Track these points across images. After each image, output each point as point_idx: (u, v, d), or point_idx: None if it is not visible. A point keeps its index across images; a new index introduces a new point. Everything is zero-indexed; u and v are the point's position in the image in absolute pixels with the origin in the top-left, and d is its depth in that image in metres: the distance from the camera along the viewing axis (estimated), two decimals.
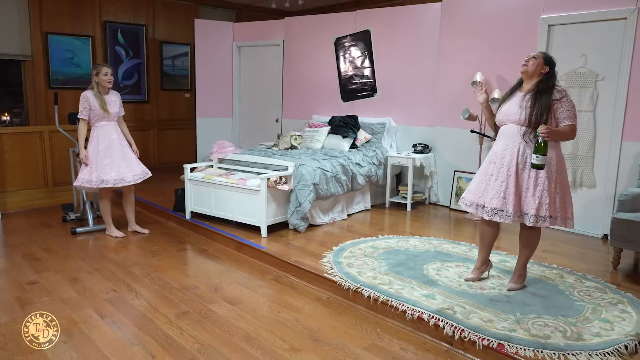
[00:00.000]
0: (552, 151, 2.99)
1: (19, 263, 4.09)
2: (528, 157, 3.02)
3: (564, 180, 3.07)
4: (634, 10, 4.25)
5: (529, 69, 3.09)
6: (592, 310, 3.00)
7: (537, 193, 2.98)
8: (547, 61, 3.08)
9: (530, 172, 3.01)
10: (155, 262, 4.15)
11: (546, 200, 2.97)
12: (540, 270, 3.66)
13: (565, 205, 3.06)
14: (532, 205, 2.98)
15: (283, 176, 4.57)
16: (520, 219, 3.05)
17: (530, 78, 3.12)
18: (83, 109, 4.52)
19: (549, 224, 3.01)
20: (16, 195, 5.88)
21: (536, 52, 3.15)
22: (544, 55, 3.10)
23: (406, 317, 2.99)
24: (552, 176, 2.99)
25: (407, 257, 3.90)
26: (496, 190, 3.06)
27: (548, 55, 3.12)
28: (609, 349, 2.54)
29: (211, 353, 2.71)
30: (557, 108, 2.99)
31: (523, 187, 3.02)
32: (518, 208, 3.02)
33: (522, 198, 3.02)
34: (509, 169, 3.03)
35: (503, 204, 3.03)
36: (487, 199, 3.09)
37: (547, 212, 2.97)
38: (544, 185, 2.97)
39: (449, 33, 5.59)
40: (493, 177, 3.10)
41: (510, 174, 3.02)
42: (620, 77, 4.38)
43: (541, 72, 3.07)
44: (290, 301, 3.42)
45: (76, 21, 7.16)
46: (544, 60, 3.07)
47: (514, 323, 2.81)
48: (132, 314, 3.18)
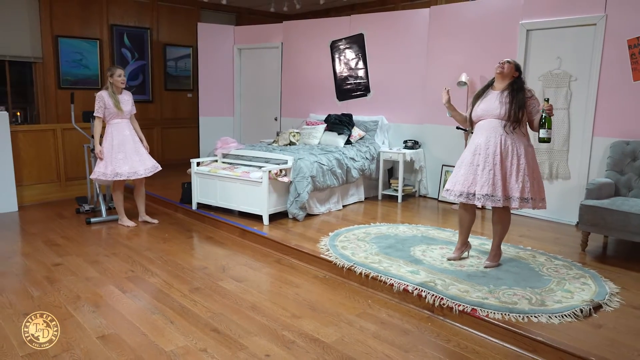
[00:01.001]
0: (527, 141, 3.47)
1: (41, 248, 4.47)
2: (510, 146, 3.43)
3: (537, 167, 3.52)
4: (602, 17, 4.67)
5: (505, 70, 3.54)
6: (557, 283, 3.41)
7: (519, 178, 3.40)
8: (516, 67, 3.57)
9: (513, 159, 3.42)
10: (167, 247, 4.54)
11: (527, 184, 3.40)
12: (515, 252, 4.07)
13: (540, 188, 3.50)
14: (517, 189, 3.39)
15: (283, 169, 4.96)
16: (507, 202, 3.46)
17: (503, 79, 3.55)
18: (98, 108, 4.90)
19: (531, 205, 3.43)
20: (31, 189, 6.25)
21: (508, 59, 3.61)
22: (515, 63, 3.59)
23: (393, 289, 3.39)
24: (530, 163, 3.43)
25: (396, 241, 4.31)
26: (485, 178, 3.45)
27: (517, 63, 3.61)
28: (567, 312, 2.94)
29: (222, 319, 3.10)
30: (530, 104, 3.47)
31: (507, 173, 3.44)
32: (506, 192, 3.43)
33: (507, 183, 3.44)
34: (494, 158, 3.43)
35: (493, 190, 3.42)
36: (477, 188, 3.47)
37: (530, 194, 3.40)
38: (525, 170, 3.40)
39: (436, 37, 5.99)
40: (480, 167, 3.48)
41: (496, 162, 3.42)
42: (591, 78, 4.79)
43: (512, 75, 3.54)
44: (290, 279, 3.82)
45: (85, 25, 7.53)
46: (515, 66, 3.57)
47: (487, 293, 3.21)
48: (150, 290, 3.57)
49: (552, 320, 2.88)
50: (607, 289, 3.32)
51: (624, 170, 4.42)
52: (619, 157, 4.46)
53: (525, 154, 3.42)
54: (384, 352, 2.72)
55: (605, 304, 3.11)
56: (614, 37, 4.62)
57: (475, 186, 3.49)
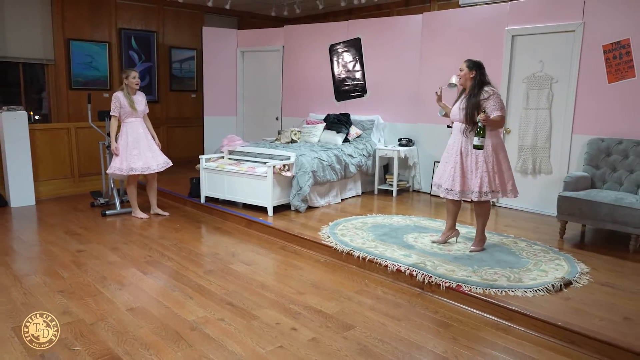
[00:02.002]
0: (489, 140, 3.77)
1: (63, 237, 4.84)
2: (469, 146, 3.84)
3: (501, 163, 3.84)
4: (580, 24, 5.07)
5: (460, 81, 3.92)
6: (534, 264, 3.81)
7: (477, 174, 3.80)
8: (471, 67, 3.84)
9: (471, 157, 3.82)
10: (179, 236, 4.91)
11: (485, 179, 3.78)
12: (498, 239, 4.46)
13: (504, 181, 3.85)
14: (476, 184, 3.81)
15: (286, 164, 5.35)
16: (465, 196, 3.90)
17: (465, 85, 3.93)
18: (114, 107, 5.27)
19: (492, 197, 3.83)
20: (47, 185, 6.62)
21: (462, 64, 3.88)
22: (468, 64, 3.86)
23: (388, 270, 3.79)
24: (489, 159, 3.78)
25: (391, 230, 4.70)
26: (448, 174, 3.94)
27: (471, 62, 3.87)
28: (540, 287, 3.34)
29: (235, 295, 3.48)
30: (486, 105, 3.76)
31: (467, 170, 3.85)
32: (464, 187, 3.86)
33: (467, 179, 3.85)
34: (456, 157, 3.88)
35: (452, 184, 3.90)
36: (443, 181, 3.97)
37: (488, 188, 3.79)
38: (483, 167, 3.78)
39: (429, 41, 6.39)
40: (447, 164, 3.98)
41: (457, 160, 3.87)
42: (570, 80, 5.20)
43: (471, 78, 3.85)
44: (294, 262, 4.20)
45: (95, 28, 7.89)
46: (469, 68, 3.84)
47: (471, 272, 3.61)
48: (168, 272, 3.95)
49: (527, 294, 3.28)
50: (579, 269, 3.72)
51: (599, 165, 4.82)
52: (594, 152, 4.86)
53: (484, 151, 3.76)
54: (379, 321, 3.11)
55: (575, 281, 3.51)
56: (591, 43, 5.03)
57: (442, 180, 4.01)
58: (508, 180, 3.88)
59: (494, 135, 3.84)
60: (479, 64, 3.86)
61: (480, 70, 3.84)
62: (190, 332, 2.94)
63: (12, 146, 5.96)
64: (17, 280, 3.69)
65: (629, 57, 4.80)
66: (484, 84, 3.83)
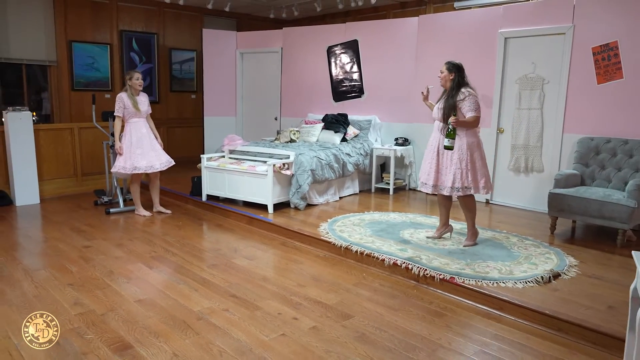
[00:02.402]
0: (464, 139, 3.96)
1: (69, 234, 4.98)
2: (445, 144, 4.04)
3: (475, 161, 4.01)
4: (570, 27, 5.25)
5: (441, 82, 4.11)
6: (525, 257, 3.97)
7: (451, 170, 4.00)
8: (451, 69, 4.04)
9: (447, 155, 4.02)
10: (182, 233, 5.06)
11: (458, 175, 3.98)
12: (491, 234, 4.63)
13: (477, 178, 4.03)
14: (449, 179, 4.01)
15: (286, 163, 5.50)
16: (438, 190, 4.12)
17: (446, 86, 4.12)
18: (118, 108, 5.41)
19: (463, 193, 4.01)
20: (50, 184, 6.75)
21: (443, 66, 4.07)
22: (448, 67, 4.05)
23: (384, 264, 3.94)
24: (463, 157, 3.97)
25: (388, 226, 4.86)
26: (425, 169, 4.19)
27: (451, 64, 4.06)
28: (530, 279, 3.50)
29: (239, 288, 3.63)
30: (462, 106, 3.96)
31: (442, 167, 4.07)
32: (437, 182, 4.09)
33: (440, 175, 4.07)
34: (433, 153, 4.12)
35: (427, 178, 4.15)
36: (421, 175, 4.23)
37: (460, 184, 3.98)
38: (457, 164, 3.98)
39: (424, 43, 6.55)
40: (425, 160, 4.23)
41: (434, 157, 4.11)
42: (561, 81, 5.37)
43: (450, 80, 4.04)
44: (295, 257, 4.36)
45: (96, 30, 8.03)
46: (448, 70, 4.04)
47: (464, 265, 3.77)
48: (173, 266, 4.10)
49: (517, 285, 3.44)
50: (567, 262, 3.88)
51: (589, 163, 4.99)
52: (584, 151, 5.03)
53: (459, 150, 3.96)
54: (377, 311, 3.27)
55: (564, 273, 3.68)
56: (581, 45, 5.20)
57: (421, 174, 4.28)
58: (481, 177, 4.05)
59: (471, 134, 4.02)
60: (458, 67, 4.05)
61: (459, 73, 4.03)
62: (196, 321, 3.09)
63: (17, 146, 6.10)
64: (28, 275, 3.83)
65: (617, 59, 4.97)
66: (462, 85, 4.02)
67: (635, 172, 4.65)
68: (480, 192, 4.08)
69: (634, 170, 4.68)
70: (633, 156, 4.74)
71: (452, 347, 2.83)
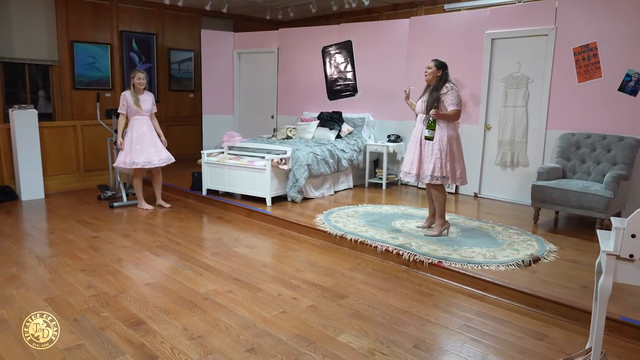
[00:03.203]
0: (444, 131, 4.24)
1: (76, 226, 5.20)
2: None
3: (454, 153, 4.29)
4: (553, 28, 5.53)
5: (428, 77, 4.38)
6: (508, 244, 4.24)
7: (432, 160, 4.28)
8: (439, 66, 4.34)
9: (428, 145, 4.29)
10: (184, 225, 5.30)
11: (438, 165, 4.26)
12: (478, 224, 4.90)
13: (454, 170, 4.31)
14: (429, 168, 4.30)
15: (283, 158, 5.75)
16: (420, 179, 4.38)
17: (431, 82, 4.40)
18: (122, 105, 5.65)
19: (442, 182, 4.30)
20: (54, 179, 6.96)
21: (430, 62, 4.36)
22: (436, 63, 4.35)
23: (377, 250, 4.21)
24: (444, 148, 4.25)
25: (380, 217, 5.12)
26: (408, 159, 4.48)
27: (439, 62, 4.37)
28: (511, 262, 3.78)
29: (241, 273, 3.88)
30: (444, 99, 4.26)
31: (424, 156, 4.35)
32: (419, 171, 4.36)
33: (422, 164, 4.35)
34: (416, 144, 4.39)
35: (410, 168, 4.43)
36: (404, 166, 4.50)
37: (439, 173, 4.26)
38: (437, 155, 4.26)
39: (415, 43, 6.82)
40: (409, 151, 4.50)
41: (417, 147, 4.38)
42: (544, 80, 5.65)
43: (437, 76, 4.33)
44: (292, 246, 4.61)
45: (97, 31, 8.24)
46: (436, 67, 4.33)
47: (451, 251, 4.03)
48: (178, 254, 4.34)
49: (499, 268, 3.71)
50: (547, 248, 4.16)
51: (570, 157, 5.28)
52: (566, 146, 5.31)
53: (439, 141, 4.24)
54: (370, 292, 3.53)
55: (543, 257, 3.95)
56: (563, 45, 5.49)
57: (404, 165, 4.53)
58: (457, 169, 4.34)
59: (452, 128, 4.31)
60: (445, 65, 4.37)
61: (445, 70, 4.35)
62: (203, 301, 3.33)
63: (22, 143, 6.31)
64: (41, 262, 4.06)
65: (596, 59, 5.26)
66: (446, 81, 4.32)
67: (613, 165, 4.93)
68: (456, 182, 4.38)
69: (611, 164, 4.97)
70: (611, 150, 5.03)
71: (439, 322, 3.09)
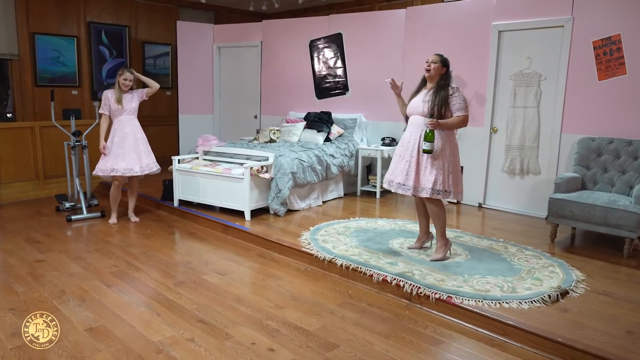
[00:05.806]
0: (446, 140, 3.61)
1: (22, 245, 4.47)
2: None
3: (456, 164, 3.69)
4: (569, 19, 4.89)
5: (432, 73, 3.69)
6: (527, 271, 3.59)
7: (433, 171, 3.60)
8: (444, 63, 3.68)
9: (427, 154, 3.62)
10: (150, 243, 4.59)
11: (440, 177, 3.60)
12: (488, 244, 4.25)
13: (457, 182, 3.68)
14: (429, 181, 3.61)
15: (264, 166, 5.06)
16: (417, 192, 3.68)
17: (432, 79, 3.72)
18: (103, 105, 5.06)
19: (443, 196, 3.64)
20: (9, 188, 6.20)
21: (434, 57, 3.70)
22: (441, 59, 3.69)
23: (373, 280, 3.53)
24: (446, 159, 3.61)
25: (375, 235, 4.45)
26: (401, 168, 3.73)
27: (444, 58, 3.71)
28: (536, 298, 3.12)
29: (208, 311, 3.19)
30: (451, 101, 3.61)
31: (422, 166, 3.65)
32: (417, 183, 3.66)
33: (420, 175, 3.65)
34: (412, 152, 3.68)
35: (405, 179, 3.69)
36: (395, 176, 3.76)
37: (441, 187, 3.60)
38: (439, 165, 3.60)
39: (412, 36, 6.16)
40: (401, 158, 3.76)
41: (413, 155, 3.67)
42: (559, 78, 5.02)
43: (440, 73, 3.67)
44: (272, 272, 3.92)
45: (62, 22, 7.46)
46: (442, 63, 3.67)
47: (462, 282, 3.38)
48: (135, 284, 3.63)
49: (522, 305, 3.06)
50: (574, 277, 3.52)
51: (590, 165, 4.64)
52: (585, 152, 4.68)
53: (442, 149, 3.60)
54: (365, 338, 2.86)
55: (571, 290, 3.31)
56: (580, 38, 4.85)
57: (394, 175, 3.79)
58: (459, 182, 3.72)
59: (453, 135, 3.71)
60: (449, 64, 3.72)
61: (449, 70, 3.72)
62: (155, 355, 2.64)
63: None
64: None
65: (620, 53, 4.63)
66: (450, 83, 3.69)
67: None
68: (458, 197, 3.73)
69: (639, 174, 4.34)
70: (638, 158, 4.41)
71: None
